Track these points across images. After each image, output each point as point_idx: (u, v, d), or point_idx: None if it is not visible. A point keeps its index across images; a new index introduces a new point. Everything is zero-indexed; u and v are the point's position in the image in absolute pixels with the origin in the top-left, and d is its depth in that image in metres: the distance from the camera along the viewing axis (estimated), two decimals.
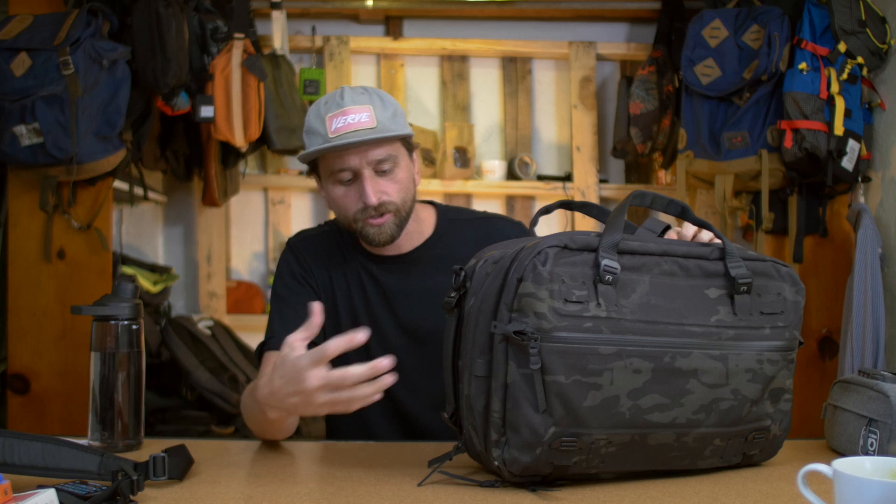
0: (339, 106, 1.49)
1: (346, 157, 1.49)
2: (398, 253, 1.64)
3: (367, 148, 1.49)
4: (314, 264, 1.65)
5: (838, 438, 1.35)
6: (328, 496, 1.12)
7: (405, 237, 1.62)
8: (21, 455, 1.09)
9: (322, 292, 1.64)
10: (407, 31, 3.50)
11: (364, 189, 1.50)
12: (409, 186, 1.57)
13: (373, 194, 1.50)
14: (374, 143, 1.49)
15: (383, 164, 1.51)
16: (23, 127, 2.29)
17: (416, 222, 1.65)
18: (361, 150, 1.49)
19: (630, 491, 1.12)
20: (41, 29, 2.35)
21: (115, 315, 1.38)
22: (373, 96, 1.52)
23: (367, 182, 1.50)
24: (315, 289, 1.64)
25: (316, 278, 1.65)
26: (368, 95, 1.51)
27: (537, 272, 1.07)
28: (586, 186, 3.36)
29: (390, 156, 1.51)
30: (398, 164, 1.53)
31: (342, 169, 1.50)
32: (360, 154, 1.49)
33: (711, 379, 1.14)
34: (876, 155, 2.57)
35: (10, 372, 2.51)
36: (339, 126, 1.47)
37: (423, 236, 1.66)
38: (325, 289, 1.65)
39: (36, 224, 2.52)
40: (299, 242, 1.69)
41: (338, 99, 1.50)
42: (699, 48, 2.70)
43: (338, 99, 1.50)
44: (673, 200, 1.22)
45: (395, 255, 1.64)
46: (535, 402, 1.07)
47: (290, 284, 1.64)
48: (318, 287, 1.65)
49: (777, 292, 1.20)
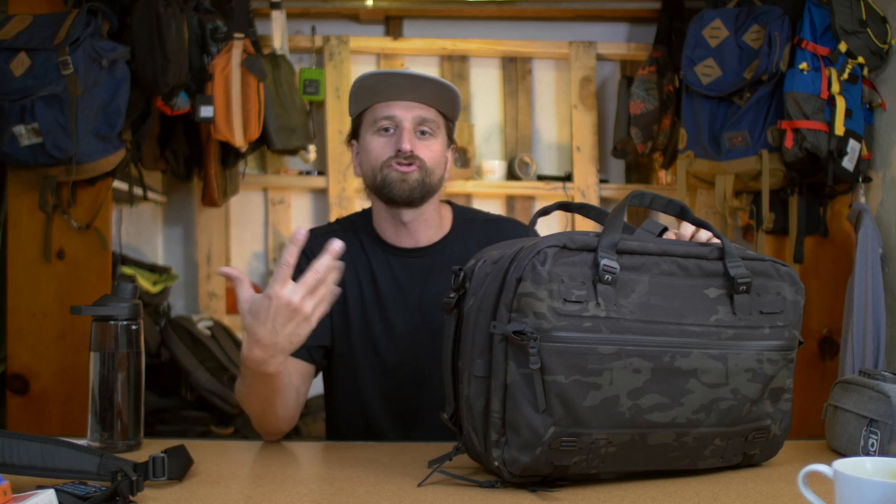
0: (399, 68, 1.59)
1: (393, 106, 1.57)
2: (415, 246, 1.66)
3: (413, 105, 1.56)
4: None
5: (839, 439, 1.35)
6: (328, 497, 1.11)
7: (425, 230, 1.65)
8: (20, 455, 1.08)
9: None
10: (407, 31, 3.50)
11: (401, 136, 1.56)
12: (440, 161, 1.62)
13: (407, 140, 1.56)
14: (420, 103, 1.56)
15: (425, 124, 1.58)
16: (22, 127, 2.28)
17: (437, 216, 1.68)
18: (408, 105, 1.56)
19: (630, 491, 1.12)
20: (41, 29, 2.35)
21: (115, 315, 1.37)
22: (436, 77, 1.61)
23: (406, 132, 1.57)
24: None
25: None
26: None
27: (536, 272, 1.07)
28: (586, 186, 3.35)
29: (434, 120, 1.58)
30: (436, 135, 1.60)
31: (386, 117, 1.57)
32: (407, 108, 1.56)
33: (711, 378, 1.13)
34: (876, 155, 2.56)
35: (10, 372, 2.51)
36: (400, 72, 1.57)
37: (442, 232, 1.68)
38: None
39: (35, 224, 2.52)
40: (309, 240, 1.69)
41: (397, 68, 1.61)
42: (699, 48, 2.70)
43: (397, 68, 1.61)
44: (672, 200, 1.22)
45: (413, 247, 1.66)
46: (535, 402, 1.07)
47: None
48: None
49: (776, 292, 1.20)
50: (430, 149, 1.59)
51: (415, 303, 1.63)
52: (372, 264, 1.65)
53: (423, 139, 1.58)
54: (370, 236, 1.68)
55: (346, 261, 1.65)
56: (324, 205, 3.42)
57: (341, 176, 3.32)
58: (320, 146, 3.34)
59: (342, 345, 1.64)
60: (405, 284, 1.64)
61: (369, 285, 1.65)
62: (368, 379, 1.64)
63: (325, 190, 3.38)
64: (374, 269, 1.65)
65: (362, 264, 1.66)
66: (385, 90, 1.56)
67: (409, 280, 1.64)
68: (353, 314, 1.64)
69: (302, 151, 3.15)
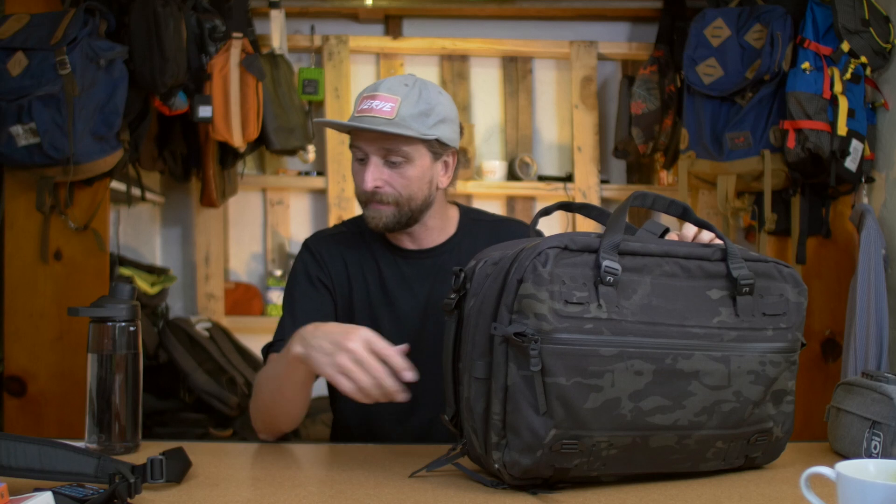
0: (374, 89, 1.55)
1: (359, 138, 1.56)
2: (419, 248, 1.66)
3: (376, 137, 1.53)
4: (330, 260, 1.66)
5: (841, 441, 1.34)
6: (328, 499, 1.11)
7: (427, 233, 1.65)
8: (17, 458, 1.08)
9: (337, 287, 1.64)
10: (406, 31, 3.50)
11: (366, 172, 1.55)
12: (420, 186, 1.58)
13: (370, 180, 1.54)
14: (385, 134, 1.52)
15: (392, 155, 1.54)
16: (19, 127, 2.28)
17: (442, 220, 1.67)
18: (372, 138, 1.53)
19: (631, 494, 1.11)
20: (38, 28, 2.34)
21: (113, 317, 1.37)
22: (412, 91, 1.54)
23: (370, 167, 1.55)
24: (331, 289, 1.64)
25: (332, 274, 1.65)
26: (408, 89, 1.54)
27: (537, 273, 1.06)
28: (587, 187, 3.35)
29: (402, 150, 1.54)
30: (411, 160, 1.55)
31: (356, 147, 1.57)
32: (372, 140, 1.54)
33: (713, 381, 1.13)
34: (879, 155, 2.55)
35: (7, 374, 2.50)
36: (362, 108, 1.53)
37: (447, 234, 1.68)
38: (340, 282, 1.65)
39: (33, 225, 2.51)
40: (317, 241, 1.71)
41: (379, 82, 1.57)
42: (701, 48, 2.69)
43: (379, 82, 1.57)
44: (674, 201, 1.22)
45: (417, 249, 1.66)
46: (536, 404, 1.06)
47: (305, 287, 1.64)
48: (333, 286, 1.64)
49: (779, 293, 1.20)
50: (403, 176, 1.55)
51: (423, 302, 1.63)
52: (380, 265, 1.65)
53: (395, 168, 1.55)
54: (377, 238, 1.68)
55: (353, 262, 1.66)
56: (323, 205, 3.41)
57: (340, 176, 3.31)
58: (319, 146, 3.33)
59: None
60: (414, 284, 1.64)
61: (377, 286, 1.65)
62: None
63: (324, 190, 3.37)
64: (382, 270, 1.65)
65: (369, 266, 1.66)
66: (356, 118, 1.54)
67: (419, 279, 1.64)
68: (360, 315, 1.63)
69: (301, 152, 3.14)
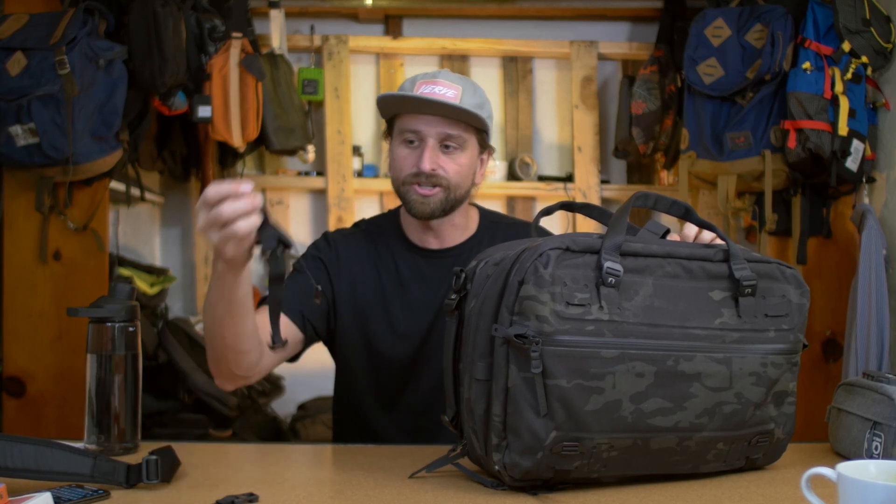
0: (433, 77, 1.56)
1: (418, 121, 1.55)
2: (441, 247, 1.66)
3: (439, 121, 1.54)
4: (346, 253, 1.66)
5: (842, 442, 1.34)
6: (328, 499, 1.11)
7: (451, 231, 1.66)
8: (14, 458, 1.08)
9: (342, 279, 1.64)
10: (406, 31, 3.49)
11: (423, 154, 1.55)
12: (467, 175, 1.60)
13: (428, 161, 1.54)
14: (446, 119, 1.53)
15: (450, 140, 1.55)
16: (18, 127, 2.27)
17: (465, 219, 1.68)
18: (434, 121, 1.54)
19: (632, 495, 1.11)
20: (37, 28, 2.34)
21: (112, 317, 1.37)
22: (467, 83, 1.57)
23: (428, 149, 1.55)
24: (330, 274, 1.64)
25: (341, 265, 1.65)
26: (464, 81, 1.58)
27: (539, 275, 1.06)
28: (588, 187, 3.34)
29: (459, 136, 1.55)
30: (464, 148, 1.57)
31: (411, 130, 1.56)
32: (434, 124, 1.54)
33: (715, 382, 1.12)
34: (880, 155, 2.55)
35: (6, 374, 2.50)
36: (425, 91, 1.53)
37: (468, 233, 1.69)
38: (352, 277, 1.64)
39: (32, 225, 2.51)
40: (335, 234, 1.72)
41: (434, 72, 1.58)
42: (701, 47, 2.69)
43: (434, 72, 1.58)
44: (676, 202, 1.21)
45: (438, 248, 1.66)
46: (537, 405, 1.05)
47: (309, 262, 1.66)
48: (337, 274, 1.64)
49: (782, 294, 1.19)
50: (456, 162, 1.57)
51: (440, 296, 1.61)
52: (397, 261, 1.65)
53: (449, 153, 1.56)
54: (397, 238, 1.68)
55: (368, 258, 1.66)
56: (323, 206, 3.41)
57: (340, 177, 3.31)
58: (319, 146, 3.33)
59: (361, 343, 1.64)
60: (432, 279, 1.64)
61: (392, 278, 1.64)
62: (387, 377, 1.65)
63: (323, 191, 3.37)
64: (399, 265, 1.65)
65: (385, 262, 1.66)
66: (412, 101, 1.55)
67: (437, 276, 1.64)
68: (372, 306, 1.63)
69: (300, 152, 3.14)
